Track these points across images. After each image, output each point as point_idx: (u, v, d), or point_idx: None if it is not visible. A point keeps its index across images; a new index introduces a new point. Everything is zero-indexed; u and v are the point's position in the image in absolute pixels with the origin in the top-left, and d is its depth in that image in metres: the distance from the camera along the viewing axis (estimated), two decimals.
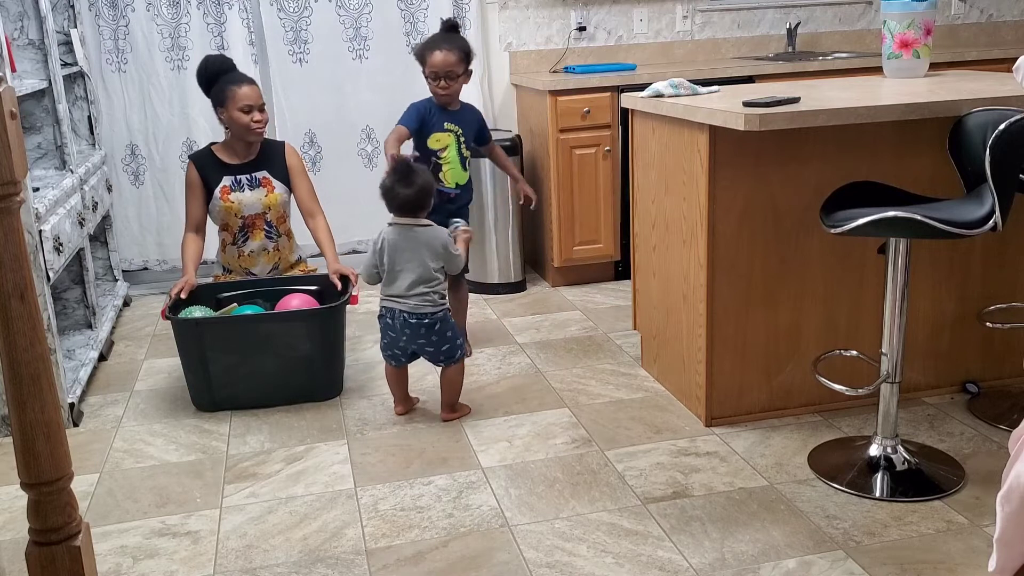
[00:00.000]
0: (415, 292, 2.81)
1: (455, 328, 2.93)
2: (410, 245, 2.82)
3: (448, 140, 3.35)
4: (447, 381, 2.93)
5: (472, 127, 3.43)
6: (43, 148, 3.55)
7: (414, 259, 2.82)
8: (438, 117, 3.35)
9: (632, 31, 4.68)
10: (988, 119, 2.31)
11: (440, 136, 3.34)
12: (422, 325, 2.83)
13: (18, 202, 1.34)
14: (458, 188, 3.38)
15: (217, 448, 2.84)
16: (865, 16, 4.94)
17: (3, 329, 1.35)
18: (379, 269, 2.88)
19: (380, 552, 2.24)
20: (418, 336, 2.85)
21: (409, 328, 2.84)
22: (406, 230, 2.83)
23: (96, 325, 3.66)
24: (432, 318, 2.84)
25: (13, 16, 3.34)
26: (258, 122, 3.30)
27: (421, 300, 2.82)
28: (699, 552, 2.17)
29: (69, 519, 1.45)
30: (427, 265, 2.82)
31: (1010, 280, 2.95)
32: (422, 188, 2.84)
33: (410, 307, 2.82)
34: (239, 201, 3.33)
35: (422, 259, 2.82)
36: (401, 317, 2.84)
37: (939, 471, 2.48)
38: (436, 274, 2.84)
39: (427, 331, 2.84)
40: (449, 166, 3.35)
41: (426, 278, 2.82)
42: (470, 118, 3.43)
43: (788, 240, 2.75)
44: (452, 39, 3.30)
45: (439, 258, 2.84)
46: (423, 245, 2.82)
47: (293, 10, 4.32)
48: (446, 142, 3.34)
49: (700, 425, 2.83)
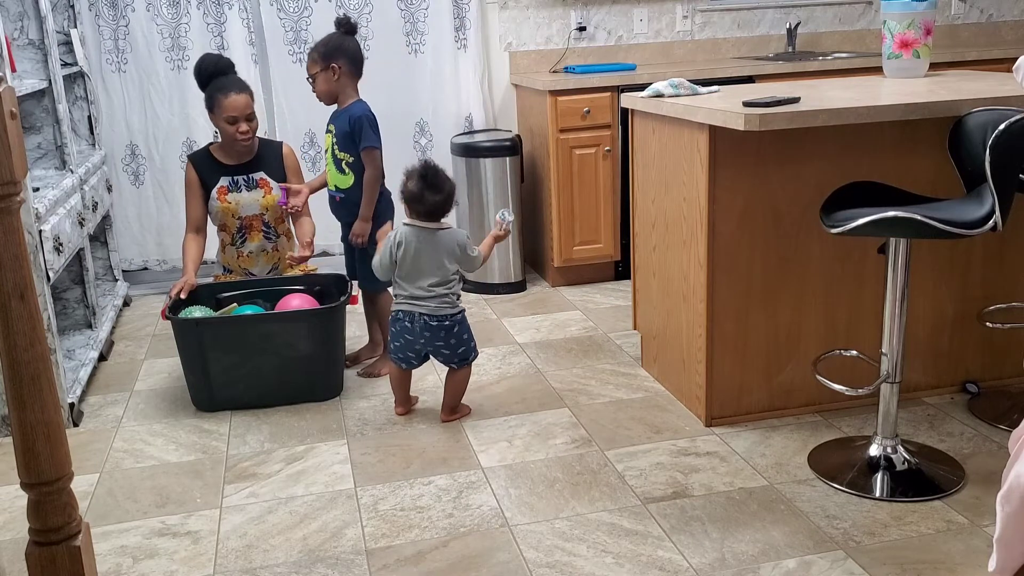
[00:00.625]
0: (434, 294, 2.81)
1: (470, 330, 2.92)
2: (429, 247, 2.81)
3: (328, 141, 3.25)
4: (454, 382, 2.93)
5: (343, 129, 3.17)
6: (43, 148, 3.55)
7: (433, 261, 2.81)
8: (331, 115, 3.27)
9: (632, 31, 4.68)
10: (988, 119, 2.31)
11: (327, 136, 3.26)
12: (442, 327, 2.83)
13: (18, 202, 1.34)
14: (339, 191, 3.24)
15: (217, 448, 2.84)
16: (865, 16, 4.94)
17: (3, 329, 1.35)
18: (395, 268, 2.85)
19: (380, 552, 2.24)
20: (437, 338, 2.84)
21: (429, 330, 2.83)
22: (427, 232, 2.82)
23: (96, 325, 3.66)
24: (452, 320, 2.84)
25: (13, 16, 3.34)
26: (244, 133, 3.24)
27: (440, 302, 2.82)
28: (699, 552, 2.17)
29: (69, 519, 1.45)
30: (445, 267, 2.81)
31: (1010, 280, 2.95)
32: (450, 193, 2.82)
33: (430, 309, 2.82)
34: (236, 202, 3.33)
35: (440, 261, 2.81)
36: (421, 320, 2.83)
37: (939, 471, 2.48)
38: (453, 276, 2.84)
39: (446, 333, 2.84)
40: (328, 168, 3.28)
41: (444, 280, 2.82)
42: (343, 119, 3.18)
43: (788, 240, 2.75)
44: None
45: (456, 260, 2.84)
46: (442, 247, 2.81)
47: (293, 10, 4.32)
48: (327, 143, 3.25)
49: (700, 425, 2.83)
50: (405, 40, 4.43)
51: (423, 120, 4.53)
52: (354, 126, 3.14)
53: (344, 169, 3.21)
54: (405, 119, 4.50)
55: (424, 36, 4.44)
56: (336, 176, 3.24)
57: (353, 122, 3.15)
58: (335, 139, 3.21)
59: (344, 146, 3.19)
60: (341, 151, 3.19)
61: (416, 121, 4.52)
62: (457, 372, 2.91)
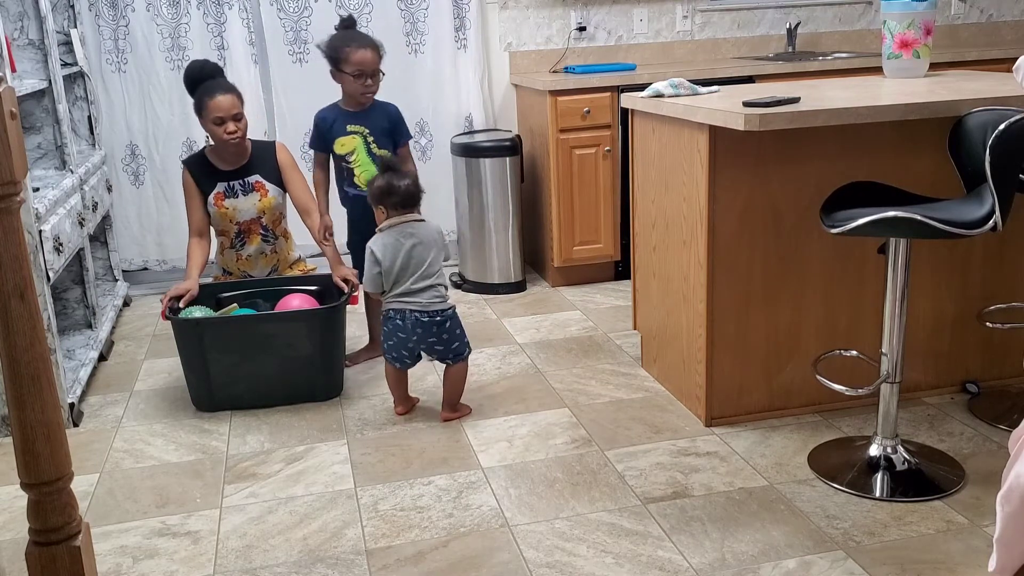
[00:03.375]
0: (422, 287, 2.81)
1: (462, 326, 2.93)
2: (411, 242, 2.81)
3: (354, 143, 3.30)
4: (451, 378, 2.92)
5: (381, 126, 3.32)
6: (43, 148, 3.55)
7: (416, 256, 2.81)
8: (340, 122, 3.30)
9: (632, 31, 4.68)
10: (988, 119, 2.30)
11: (344, 140, 3.30)
12: (434, 323, 2.83)
13: (18, 202, 1.34)
14: None
15: (217, 448, 2.84)
16: (865, 16, 4.94)
17: (3, 329, 1.35)
18: (383, 278, 2.86)
19: (380, 552, 2.24)
20: (429, 334, 2.84)
21: (421, 327, 2.83)
22: (405, 227, 2.83)
23: (96, 325, 3.66)
24: (443, 315, 2.84)
25: (13, 16, 3.33)
26: (232, 133, 3.22)
27: (431, 296, 2.82)
28: (699, 552, 2.17)
29: (69, 519, 1.45)
30: (431, 259, 2.83)
31: (1010, 280, 2.95)
32: (415, 177, 2.90)
33: (421, 305, 2.82)
34: (234, 207, 3.32)
35: (423, 255, 2.82)
36: (412, 317, 2.83)
37: (939, 471, 2.48)
38: (438, 268, 2.86)
39: (438, 328, 2.84)
40: (360, 168, 3.30)
41: (430, 272, 2.83)
42: (379, 116, 3.33)
43: (788, 240, 2.75)
44: (367, 36, 3.29)
45: (442, 249, 2.87)
46: (428, 238, 2.83)
47: (293, 10, 4.32)
48: (351, 146, 3.30)
49: (700, 425, 2.83)
50: (405, 40, 4.43)
51: (423, 120, 4.53)
52: (395, 121, 3.35)
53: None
54: (405, 119, 4.49)
55: (424, 36, 4.44)
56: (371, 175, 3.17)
57: (394, 118, 3.35)
58: (370, 137, 3.30)
59: (383, 143, 3.32)
60: (380, 148, 3.31)
61: (416, 121, 4.52)
62: (453, 368, 2.91)
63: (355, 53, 3.21)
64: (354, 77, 3.23)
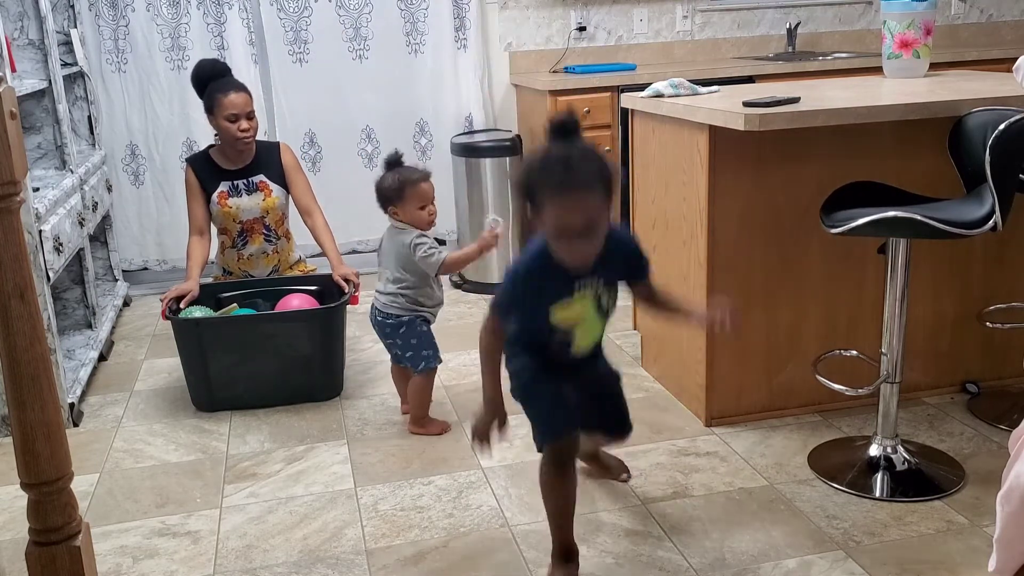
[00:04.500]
0: (387, 291, 2.81)
1: (424, 339, 2.82)
2: (389, 246, 2.82)
3: (583, 308, 2.02)
4: (411, 390, 2.87)
5: (615, 266, 2.04)
6: (43, 148, 3.55)
7: (388, 258, 2.82)
8: (563, 280, 1.97)
9: (632, 31, 4.68)
10: (988, 119, 2.30)
11: (568, 308, 2.01)
12: (387, 324, 2.83)
13: (18, 202, 1.35)
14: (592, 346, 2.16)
15: (217, 448, 2.84)
16: (865, 16, 4.94)
17: (3, 329, 1.35)
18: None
19: (380, 552, 2.24)
20: (384, 334, 2.86)
21: (377, 325, 2.86)
22: (393, 231, 2.82)
23: (96, 325, 3.66)
24: (397, 320, 2.81)
25: (13, 16, 3.33)
26: (245, 131, 3.24)
27: (391, 299, 2.81)
28: (699, 552, 2.17)
29: (69, 519, 1.45)
30: (396, 267, 2.78)
31: (1010, 280, 2.95)
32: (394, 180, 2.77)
33: (380, 304, 2.83)
34: (237, 206, 3.33)
35: (392, 260, 2.80)
36: (373, 312, 2.86)
37: (939, 471, 2.48)
38: (403, 275, 2.77)
39: (391, 331, 2.83)
40: (583, 330, 2.07)
41: (393, 278, 2.80)
42: (614, 257, 2.00)
43: (788, 240, 2.75)
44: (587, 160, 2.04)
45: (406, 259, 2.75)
46: (394, 246, 2.78)
47: (293, 10, 4.32)
48: (579, 314, 2.02)
49: (700, 425, 2.83)
50: (405, 40, 4.43)
51: (423, 120, 4.53)
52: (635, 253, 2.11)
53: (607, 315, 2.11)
54: (405, 119, 4.51)
55: (424, 36, 4.44)
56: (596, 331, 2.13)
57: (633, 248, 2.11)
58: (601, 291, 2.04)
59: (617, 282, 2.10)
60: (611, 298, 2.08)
61: (416, 121, 4.52)
62: (413, 379, 2.85)
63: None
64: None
